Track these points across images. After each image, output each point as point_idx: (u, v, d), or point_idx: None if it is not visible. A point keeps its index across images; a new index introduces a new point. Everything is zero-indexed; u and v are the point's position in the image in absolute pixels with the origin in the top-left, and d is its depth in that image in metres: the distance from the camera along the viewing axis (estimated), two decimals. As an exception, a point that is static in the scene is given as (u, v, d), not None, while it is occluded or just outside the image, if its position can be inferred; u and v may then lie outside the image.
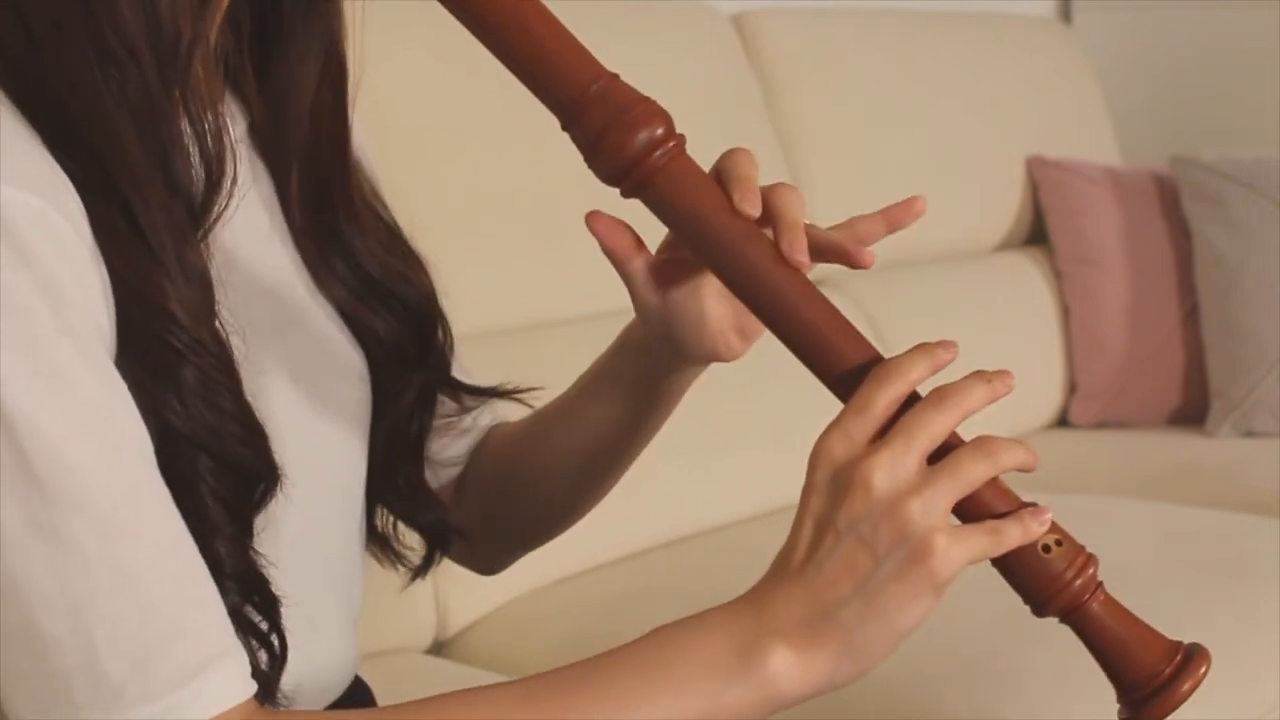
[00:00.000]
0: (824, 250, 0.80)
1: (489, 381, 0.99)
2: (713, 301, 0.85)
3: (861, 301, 2.20)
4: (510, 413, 1.03)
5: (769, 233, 0.77)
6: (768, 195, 0.78)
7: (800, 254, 0.76)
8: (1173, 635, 0.76)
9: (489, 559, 1.06)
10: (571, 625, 1.61)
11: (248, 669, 0.69)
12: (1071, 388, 2.45)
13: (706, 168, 0.79)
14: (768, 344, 0.90)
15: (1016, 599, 0.75)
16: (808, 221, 0.78)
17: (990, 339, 2.35)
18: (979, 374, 0.73)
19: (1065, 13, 3.09)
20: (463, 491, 1.02)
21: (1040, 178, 2.53)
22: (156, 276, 0.70)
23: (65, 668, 0.64)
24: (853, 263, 0.79)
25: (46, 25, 0.69)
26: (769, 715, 0.72)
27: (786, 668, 0.70)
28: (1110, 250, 2.45)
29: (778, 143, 2.20)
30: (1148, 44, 2.99)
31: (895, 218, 0.83)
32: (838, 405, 0.74)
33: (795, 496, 0.75)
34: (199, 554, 0.69)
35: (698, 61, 2.08)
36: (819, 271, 0.80)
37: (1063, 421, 2.46)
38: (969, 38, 2.59)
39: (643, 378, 0.92)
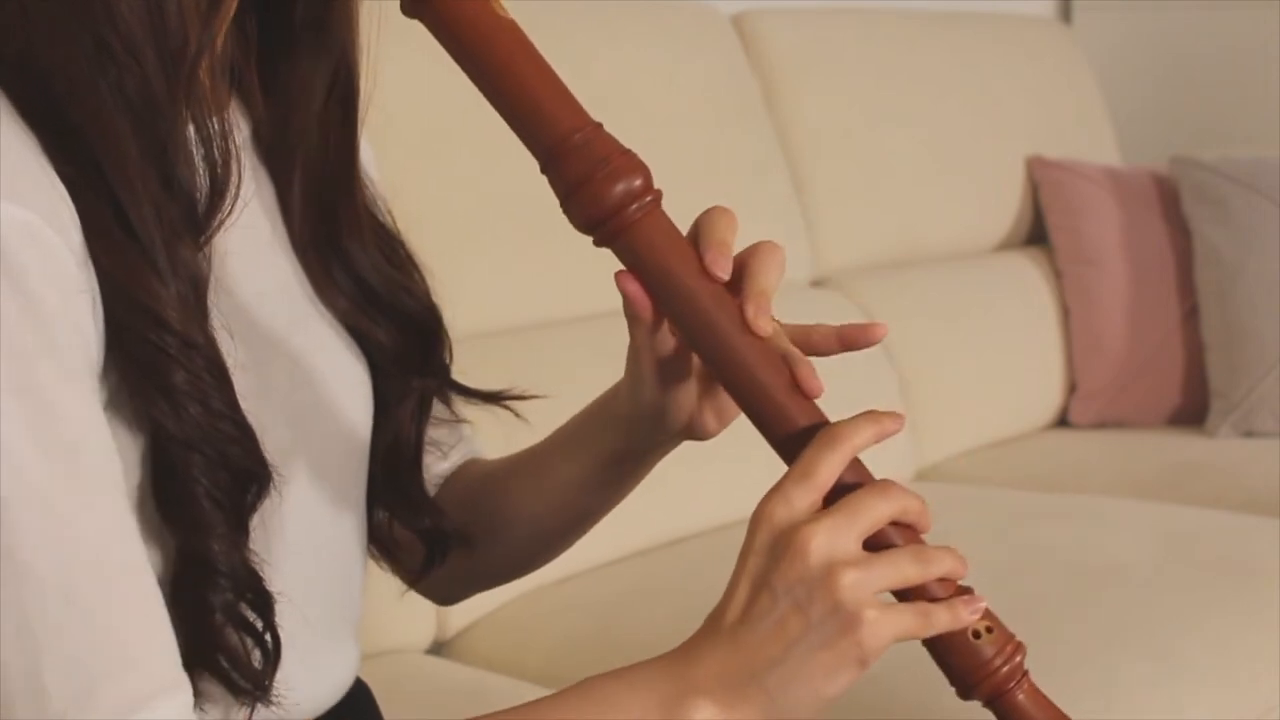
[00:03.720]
0: (828, 346, 0.81)
1: (487, 385, 0.98)
2: (700, 378, 0.85)
3: (862, 302, 2.20)
4: (486, 449, 1.03)
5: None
6: (745, 256, 0.78)
7: (764, 323, 0.76)
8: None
9: (444, 590, 1.06)
10: (571, 625, 1.61)
11: (191, 703, 0.69)
12: (1071, 388, 2.45)
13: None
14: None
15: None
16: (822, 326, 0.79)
17: (990, 339, 2.35)
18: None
19: (1065, 13, 3.09)
20: None
21: (1040, 178, 2.53)
22: (146, 276, 0.70)
23: (9, 691, 0.64)
24: (862, 342, 0.81)
25: (44, 18, 0.69)
26: None
27: None
28: (1110, 250, 2.45)
29: (778, 143, 2.20)
30: (1148, 44, 2.99)
31: (850, 337, 0.82)
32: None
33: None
34: (155, 583, 0.69)
35: (698, 61, 2.08)
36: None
37: (1062, 421, 2.45)
38: (969, 38, 2.59)
39: (616, 450, 0.91)
